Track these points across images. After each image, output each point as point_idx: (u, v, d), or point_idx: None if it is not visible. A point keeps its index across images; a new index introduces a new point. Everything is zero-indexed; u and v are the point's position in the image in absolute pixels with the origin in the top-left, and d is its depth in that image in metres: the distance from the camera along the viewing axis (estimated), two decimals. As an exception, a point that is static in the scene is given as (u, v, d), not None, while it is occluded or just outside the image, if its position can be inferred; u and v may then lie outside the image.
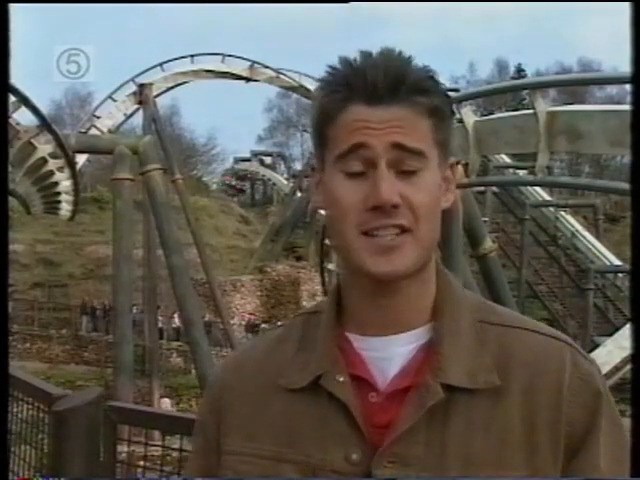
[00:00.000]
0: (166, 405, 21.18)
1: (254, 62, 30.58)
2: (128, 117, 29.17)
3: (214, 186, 59.11)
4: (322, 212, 1.06)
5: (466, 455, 0.91)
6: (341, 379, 0.95)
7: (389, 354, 0.97)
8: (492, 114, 21.06)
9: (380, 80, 0.93)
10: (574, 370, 0.95)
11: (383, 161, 0.92)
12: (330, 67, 0.97)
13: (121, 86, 28.74)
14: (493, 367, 0.94)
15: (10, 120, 14.22)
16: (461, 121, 14.11)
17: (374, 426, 0.93)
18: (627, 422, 0.94)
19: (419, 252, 0.94)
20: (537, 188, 31.06)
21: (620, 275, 29.83)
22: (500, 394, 0.93)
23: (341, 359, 0.97)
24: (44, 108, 18.62)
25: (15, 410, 3.14)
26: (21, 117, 16.52)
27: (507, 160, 28.04)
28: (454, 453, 0.91)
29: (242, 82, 31.13)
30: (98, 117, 28.49)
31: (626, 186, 10.81)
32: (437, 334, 0.97)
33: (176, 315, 25.16)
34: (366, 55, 0.96)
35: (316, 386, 0.97)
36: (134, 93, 28.01)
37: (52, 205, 21.18)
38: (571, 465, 0.92)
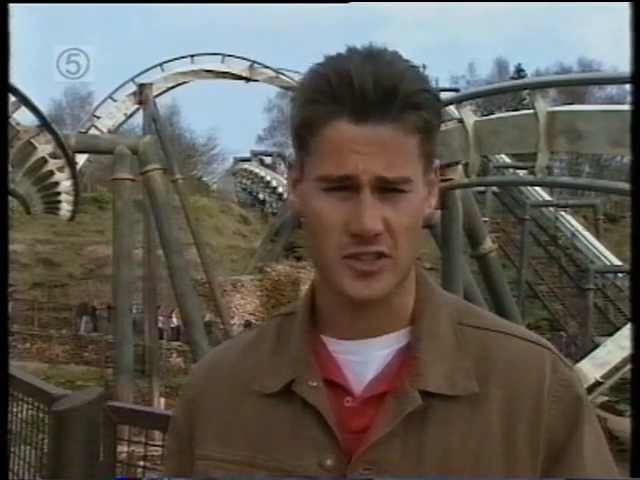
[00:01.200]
0: (162, 405, 21.19)
1: (254, 62, 30.59)
2: (128, 117, 29.19)
3: (213, 186, 59.15)
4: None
5: (443, 462, 0.89)
6: (314, 384, 0.93)
7: (366, 358, 0.95)
8: (492, 114, 21.07)
9: (369, 94, 0.87)
10: (554, 376, 0.93)
11: (367, 188, 0.88)
12: (314, 70, 0.91)
13: (121, 86, 28.78)
14: (472, 372, 0.93)
15: (10, 120, 14.23)
16: (461, 121, 14.12)
17: (350, 431, 0.91)
18: (627, 422, 0.94)
19: (397, 276, 0.91)
20: (537, 188, 31.07)
21: (620, 275, 29.86)
22: (479, 400, 0.92)
23: (315, 363, 0.96)
24: (44, 108, 18.64)
25: (15, 410, 3.14)
26: (21, 117, 16.54)
27: (507, 160, 28.07)
28: (431, 460, 0.89)
29: (242, 82, 31.15)
30: (98, 117, 28.52)
31: (626, 186, 10.82)
32: (415, 337, 0.95)
33: (174, 314, 25.17)
34: (354, 58, 0.89)
35: (290, 391, 0.95)
36: (134, 93, 28.03)
37: (52, 205, 21.20)
38: (556, 469, 0.91)
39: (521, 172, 25.75)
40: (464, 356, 0.94)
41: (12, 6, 1.02)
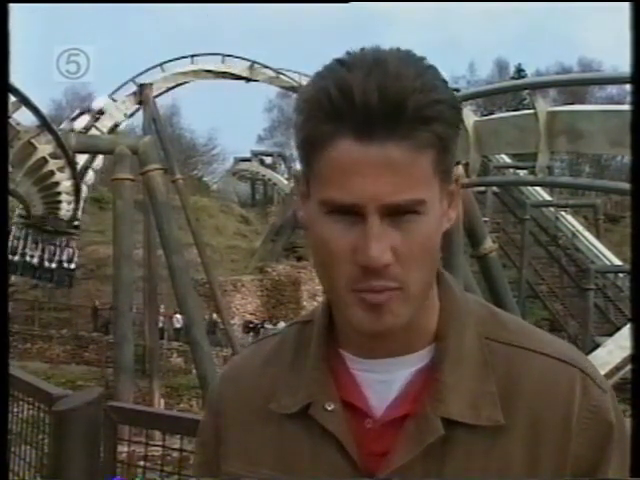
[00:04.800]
0: (163, 406, 21.22)
1: (254, 62, 30.58)
2: (128, 117, 29.18)
3: (214, 186, 59.17)
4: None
5: None
6: (331, 407, 0.90)
7: (388, 377, 0.91)
8: (492, 114, 21.07)
9: (373, 109, 0.79)
10: (584, 400, 0.88)
11: (374, 216, 0.81)
12: (315, 83, 0.84)
13: (121, 86, 28.76)
14: (497, 399, 0.88)
15: (10, 120, 14.24)
16: (461, 121, 14.13)
17: (370, 454, 0.89)
18: (627, 422, 0.93)
19: (410, 306, 0.85)
20: (537, 188, 31.06)
21: (620, 275, 29.83)
22: (503, 428, 0.87)
23: (332, 383, 0.92)
24: (44, 108, 18.62)
25: (16, 410, 3.14)
26: (21, 117, 16.53)
27: (507, 160, 28.08)
28: None
29: (242, 82, 31.16)
30: (98, 117, 28.50)
31: (626, 186, 10.82)
32: (438, 358, 0.90)
33: (177, 315, 25.19)
34: (357, 69, 0.81)
35: (308, 412, 0.92)
36: (134, 93, 28.02)
37: (52, 205, 21.22)
38: None
39: (521, 172, 25.77)
40: (489, 378, 0.89)
41: (12, 6, 1.02)
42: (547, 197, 33.07)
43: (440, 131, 0.81)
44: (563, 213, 33.90)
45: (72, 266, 28.13)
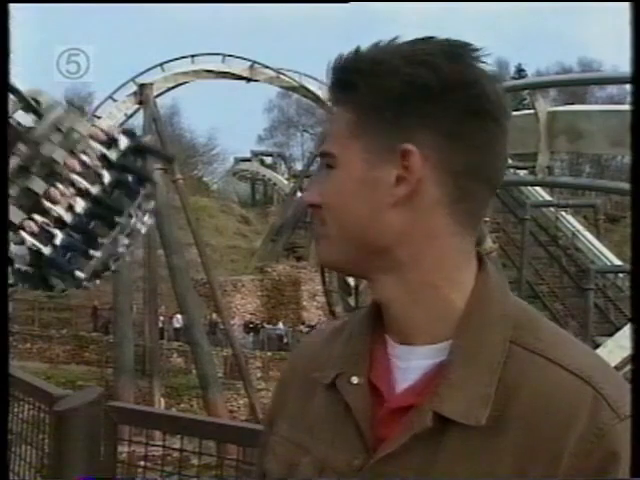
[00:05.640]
0: (163, 405, 21.21)
1: (254, 62, 30.58)
2: (129, 117, 29.18)
3: (214, 186, 59.20)
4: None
5: None
6: (355, 381, 0.94)
7: (406, 365, 0.93)
8: (492, 114, 20.95)
9: (331, 80, 0.96)
10: (590, 422, 0.81)
11: (322, 165, 0.97)
12: None
13: (121, 86, 28.74)
14: (490, 401, 0.85)
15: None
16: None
17: (380, 436, 0.91)
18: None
19: (333, 248, 0.95)
20: (537, 188, 31.05)
21: (620, 275, 29.83)
22: (495, 433, 0.84)
23: (366, 360, 0.96)
24: (44, 108, 18.58)
25: (16, 410, 3.14)
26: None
27: (507, 160, 28.03)
28: None
29: (242, 82, 31.16)
30: (99, 117, 28.50)
31: (626, 186, 10.82)
32: (452, 354, 0.89)
33: (178, 315, 25.20)
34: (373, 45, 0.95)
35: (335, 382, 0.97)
36: (134, 93, 28.02)
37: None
38: None
39: (521, 172, 25.76)
40: (494, 381, 0.87)
41: (12, 6, 1.02)
42: (547, 197, 33.05)
43: (355, 99, 0.92)
44: (563, 213, 33.88)
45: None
